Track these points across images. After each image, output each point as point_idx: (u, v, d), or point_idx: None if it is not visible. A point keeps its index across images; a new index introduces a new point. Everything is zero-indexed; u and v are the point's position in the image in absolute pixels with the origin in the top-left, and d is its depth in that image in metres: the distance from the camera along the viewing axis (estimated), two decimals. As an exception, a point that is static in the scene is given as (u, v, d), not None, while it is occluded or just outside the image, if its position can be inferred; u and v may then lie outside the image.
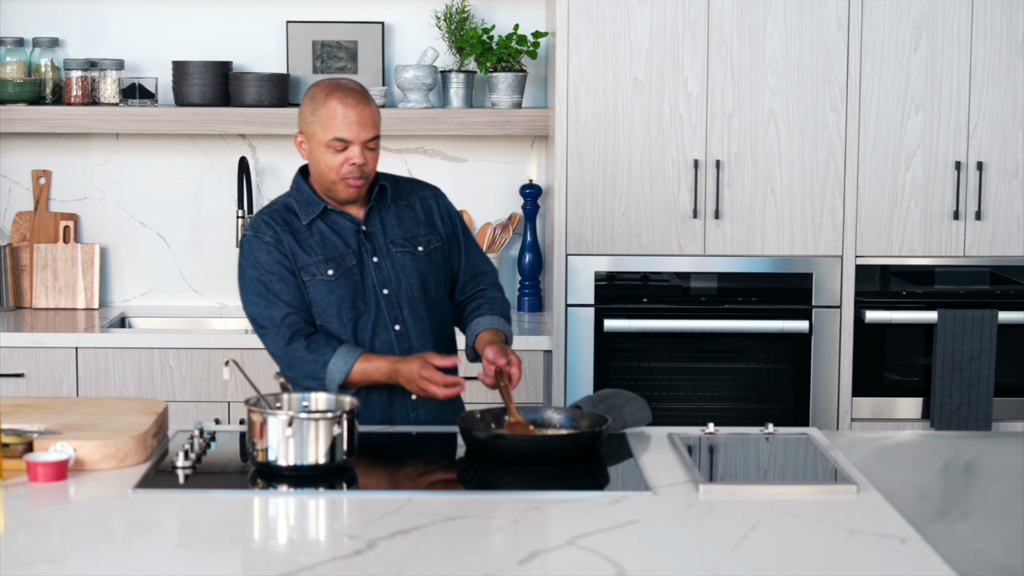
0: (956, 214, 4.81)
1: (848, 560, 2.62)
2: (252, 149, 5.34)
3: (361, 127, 3.49)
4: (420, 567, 2.52)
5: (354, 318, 3.58)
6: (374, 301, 3.60)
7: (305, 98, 3.57)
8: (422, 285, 3.65)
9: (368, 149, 3.52)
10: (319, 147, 3.53)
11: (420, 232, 3.68)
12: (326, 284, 3.56)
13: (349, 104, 3.49)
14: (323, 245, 3.59)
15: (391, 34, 5.32)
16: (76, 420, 3.26)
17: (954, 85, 4.77)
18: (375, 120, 3.53)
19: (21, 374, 4.77)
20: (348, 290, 3.57)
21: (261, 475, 3.08)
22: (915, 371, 4.88)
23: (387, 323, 3.61)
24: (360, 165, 3.51)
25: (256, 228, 3.60)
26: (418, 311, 3.64)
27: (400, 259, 3.63)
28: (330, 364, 3.48)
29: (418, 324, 3.63)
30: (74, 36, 5.30)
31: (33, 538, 2.68)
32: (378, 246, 3.63)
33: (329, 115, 3.49)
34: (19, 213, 5.34)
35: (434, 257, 3.69)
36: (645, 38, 4.75)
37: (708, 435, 3.43)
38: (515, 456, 3.19)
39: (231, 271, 5.39)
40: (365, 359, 3.50)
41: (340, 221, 3.62)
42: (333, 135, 3.49)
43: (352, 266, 3.59)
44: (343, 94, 3.50)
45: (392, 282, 3.62)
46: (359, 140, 3.50)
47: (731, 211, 4.80)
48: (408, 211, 3.70)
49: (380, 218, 3.66)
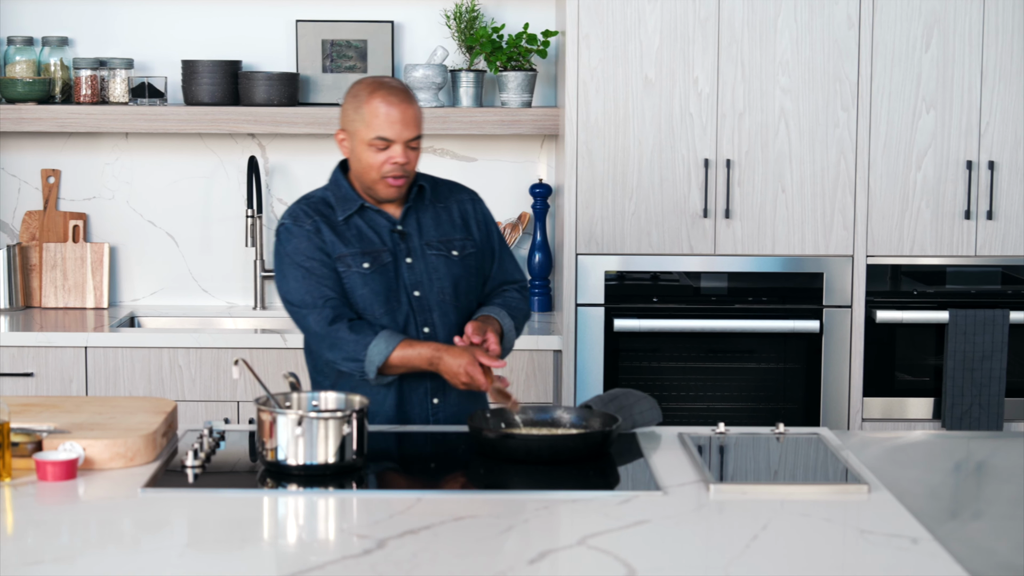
0: (967, 213, 4.79)
1: (859, 560, 2.61)
2: (262, 148, 5.34)
3: (404, 126, 3.48)
4: (430, 567, 2.51)
5: (385, 314, 3.56)
6: (405, 301, 3.59)
7: (348, 95, 3.56)
8: (454, 289, 3.63)
9: (410, 148, 3.51)
10: (361, 145, 3.51)
11: (456, 236, 3.67)
12: (361, 276, 3.55)
13: (392, 103, 3.48)
14: (360, 240, 3.58)
15: (401, 33, 5.31)
16: (85, 419, 3.26)
17: (965, 84, 4.76)
18: (418, 119, 3.51)
19: (30, 373, 4.77)
20: (382, 285, 3.56)
21: (271, 474, 3.08)
22: (926, 371, 4.87)
23: (416, 324, 3.59)
24: (402, 164, 3.50)
25: (295, 217, 3.60)
26: (447, 315, 3.62)
27: (434, 262, 3.62)
28: (371, 346, 3.46)
29: (447, 328, 3.61)
30: (83, 35, 5.30)
31: (42, 537, 2.68)
32: (413, 247, 3.62)
33: (372, 113, 3.48)
34: (28, 212, 5.33)
35: (468, 262, 3.67)
36: (655, 37, 4.74)
37: (719, 435, 3.42)
38: (525, 456, 3.18)
39: (240, 270, 5.38)
40: (407, 344, 3.48)
41: (377, 219, 3.61)
42: (375, 134, 3.48)
43: (387, 263, 3.58)
44: (386, 92, 3.49)
45: (424, 284, 3.60)
46: (401, 139, 3.49)
47: (741, 210, 4.79)
48: (445, 214, 3.69)
49: (417, 219, 3.64)
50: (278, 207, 5.35)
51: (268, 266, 5.36)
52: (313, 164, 5.34)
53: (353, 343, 3.48)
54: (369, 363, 3.46)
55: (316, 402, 3.27)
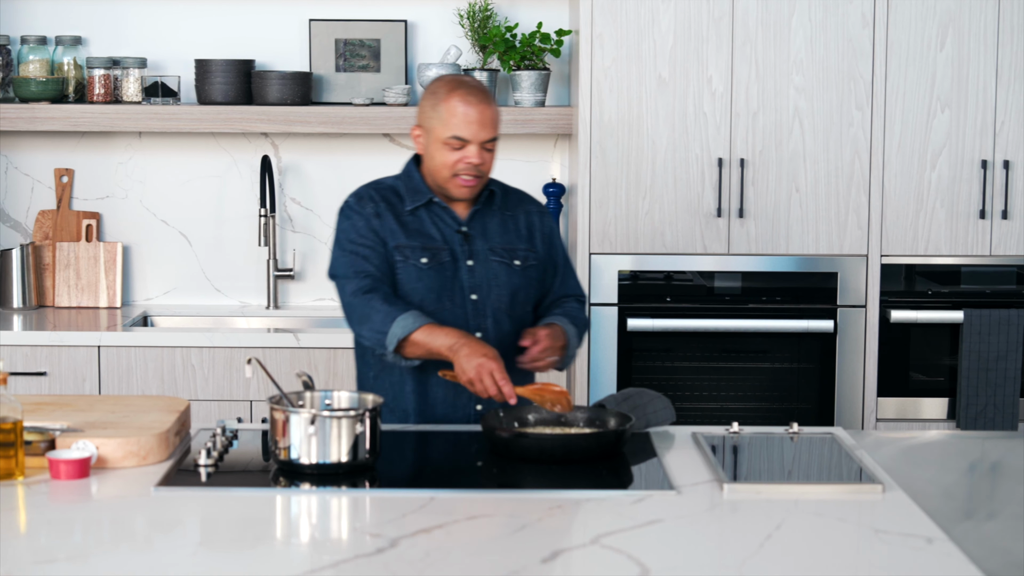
0: (982, 213, 4.78)
1: (874, 560, 2.59)
2: (275, 148, 5.34)
3: (480, 127, 3.47)
4: (443, 565, 2.51)
5: (438, 311, 3.54)
6: (460, 303, 3.57)
7: (426, 92, 3.56)
8: (511, 298, 3.61)
9: (485, 150, 3.49)
10: (436, 143, 3.51)
11: (520, 246, 3.65)
12: (417, 270, 3.54)
13: (471, 103, 3.47)
14: (422, 234, 3.57)
15: (414, 32, 5.31)
16: (98, 418, 3.26)
17: (980, 83, 4.74)
18: (495, 121, 3.50)
19: (43, 372, 4.77)
20: (437, 283, 3.55)
21: (283, 473, 3.07)
22: (940, 371, 4.85)
23: (468, 328, 3.56)
24: (476, 165, 3.49)
25: (359, 197, 3.60)
26: (502, 323, 3.60)
27: (495, 268, 3.60)
28: (398, 319, 3.41)
29: (499, 335, 3.59)
30: (97, 35, 5.30)
31: (55, 535, 2.67)
32: (476, 250, 3.60)
33: (450, 112, 3.47)
34: (42, 212, 5.34)
35: (529, 274, 3.65)
36: (669, 36, 4.73)
37: (732, 434, 3.41)
38: (538, 455, 3.17)
39: (254, 270, 5.38)
40: (434, 325, 3.42)
41: (443, 216, 3.60)
42: (452, 133, 3.47)
43: (445, 262, 3.56)
44: (465, 92, 3.48)
45: (482, 288, 3.58)
46: (477, 140, 3.48)
47: (755, 210, 4.78)
48: (511, 222, 3.67)
49: (484, 223, 3.63)
50: (291, 206, 5.34)
51: (281, 265, 5.36)
52: (326, 163, 5.34)
53: (383, 314, 3.42)
54: (391, 337, 3.40)
55: (329, 401, 3.27)
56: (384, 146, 5.33)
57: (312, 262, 5.37)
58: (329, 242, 5.30)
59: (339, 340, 4.78)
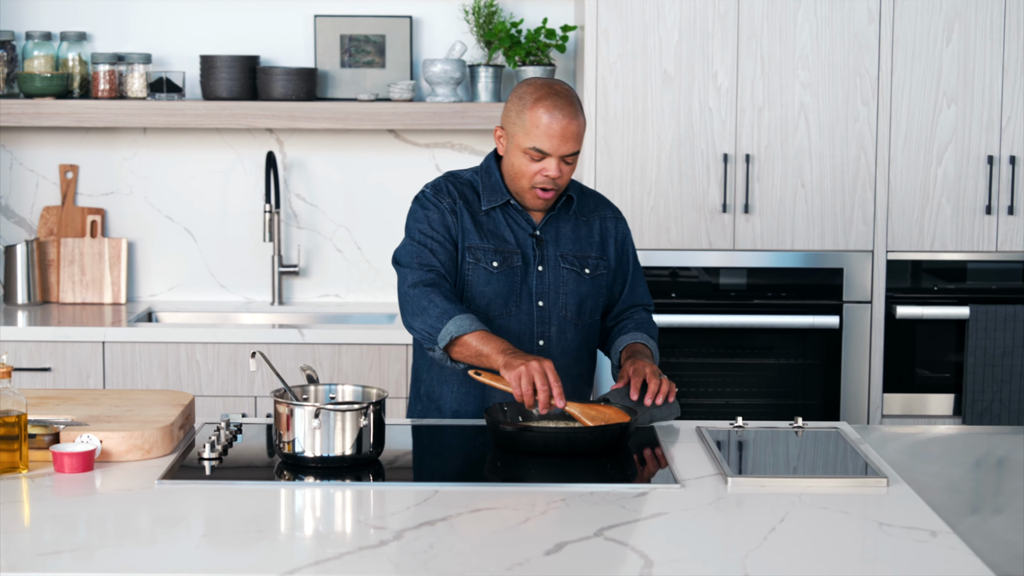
0: (988, 209, 4.77)
1: (878, 553, 2.58)
2: (279, 144, 5.33)
3: (563, 141, 3.38)
4: (446, 558, 2.50)
5: (503, 316, 3.50)
6: (526, 309, 3.53)
7: (513, 95, 3.46)
8: (578, 307, 3.56)
9: (565, 163, 3.41)
10: (516, 150, 3.42)
11: (591, 253, 3.58)
12: (487, 273, 3.49)
13: (555, 116, 3.36)
14: (494, 235, 3.51)
15: (419, 28, 5.30)
16: (102, 412, 3.25)
17: (986, 78, 4.73)
18: (578, 135, 3.39)
19: (48, 368, 4.77)
20: (505, 288, 3.50)
21: (287, 467, 3.06)
22: (946, 367, 4.84)
23: (532, 335, 3.52)
24: (554, 179, 3.42)
25: (437, 189, 3.53)
26: (566, 331, 3.55)
27: (565, 275, 3.54)
28: (455, 318, 3.31)
29: (563, 344, 3.54)
30: (101, 30, 5.30)
31: (59, 529, 2.66)
32: (547, 256, 3.54)
33: (533, 122, 3.38)
34: (46, 207, 5.34)
35: (598, 282, 3.59)
36: (674, 31, 4.73)
37: (737, 429, 3.40)
38: (542, 448, 3.16)
39: (258, 266, 5.38)
40: (490, 332, 3.31)
41: (518, 219, 3.54)
42: (532, 144, 3.39)
43: (516, 266, 3.51)
44: (552, 103, 3.37)
45: (550, 295, 3.53)
46: (558, 153, 3.39)
47: (761, 205, 4.77)
48: (585, 228, 3.60)
49: (557, 228, 3.57)
50: (296, 202, 5.34)
51: (286, 262, 5.35)
52: (331, 160, 5.33)
53: (440, 311, 3.33)
54: (445, 332, 3.30)
55: (333, 395, 3.26)
56: (389, 142, 5.32)
57: (317, 258, 5.37)
58: (334, 239, 5.31)
59: (344, 336, 4.78)
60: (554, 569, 2.46)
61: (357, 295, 5.39)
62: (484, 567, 2.46)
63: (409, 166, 5.32)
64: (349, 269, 5.38)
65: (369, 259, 5.36)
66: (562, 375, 3.36)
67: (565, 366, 3.51)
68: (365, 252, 5.36)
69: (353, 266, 5.38)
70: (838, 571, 2.47)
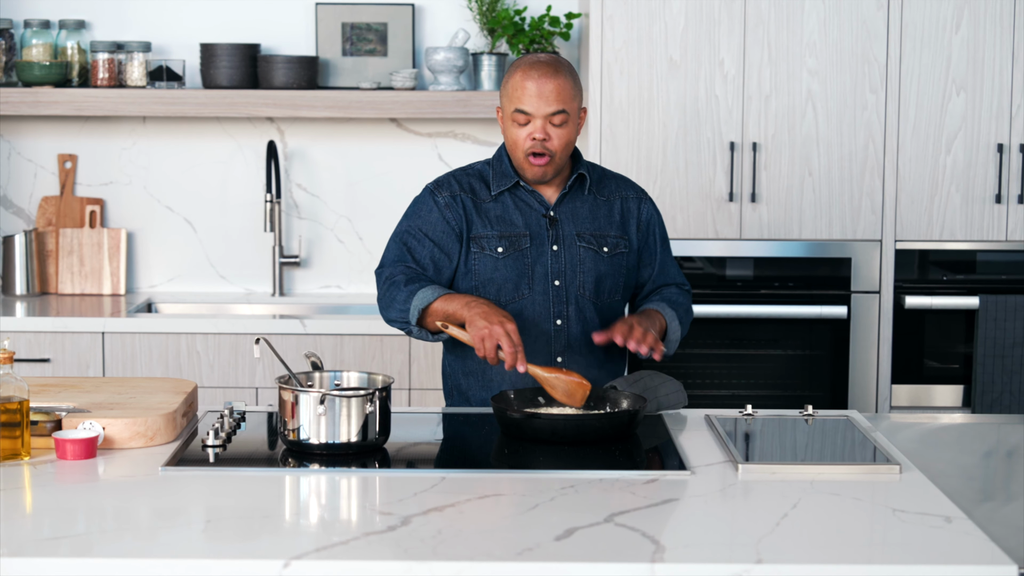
0: (998, 198, 4.73)
1: (893, 538, 2.55)
2: (280, 133, 5.29)
3: (541, 99, 3.38)
4: (455, 543, 2.47)
5: (516, 300, 3.48)
6: (541, 290, 3.49)
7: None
8: (596, 286, 3.52)
9: (552, 124, 3.40)
10: (507, 120, 3.45)
11: (610, 232, 3.55)
12: (492, 260, 3.47)
13: (532, 76, 3.38)
14: (501, 220, 3.50)
15: (421, 16, 5.26)
16: (104, 399, 3.21)
17: (996, 66, 4.69)
18: (560, 93, 3.38)
19: (47, 359, 4.73)
20: (513, 271, 3.48)
21: (292, 454, 3.03)
22: (955, 358, 4.80)
23: (549, 315, 3.49)
24: (540, 140, 3.40)
25: (438, 184, 3.55)
26: (584, 311, 3.52)
27: (582, 254, 3.51)
28: (418, 293, 3.35)
29: (581, 324, 3.51)
30: (100, 18, 5.26)
31: (62, 516, 2.63)
32: (562, 235, 3.51)
33: (514, 86, 3.41)
34: (45, 198, 5.29)
35: (617, 261, 3.55)
36: (680, 18, 4.68)
37: (746, 416, 3.36)
38: (550, 436, 3.12)
39: (258, 257, 5.34)
40: (453, 293, 3.34)
41: (529, 200, 3.52)
42: (515, 106, 3.41)
43: (525, 248, 3.48)
44: (529, 66, 3.41)
45: (567, 275, 3.50)
46: (540, 113, 3.38)
47: (768, 194, 4.73)
48: (605, 207, 3.57)
49: (573, 207, 3.54)
50: (297, 192, 5.29)
51: (287, 252, 5.31)
52: (332, 149, 5.29)
53: (405, 293, 3.36)
54: (413, 308, 3.34)
55: (339, 382, 3.22)
56: (391, 131, 5.28)
57: (318, 249, 5.32)
58: (336, 229, 5.27)
59: (346, 327, 4.74)
60: (565, 554, 2.43)
61: (358, 286, 5.34)
62: (494, 552, 2.43)
63: (411, 156, 5.27)
64: (350, 260, 5.34)
65: (371, 250, 5.31)
66: (583, 355, 3.45)
67: (585, 345, 3.49)
68: (367, 243, 5.32)
69: (354, 257, 5.33)
70: (854, 556, 2.44)
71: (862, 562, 2.42)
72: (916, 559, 2.43)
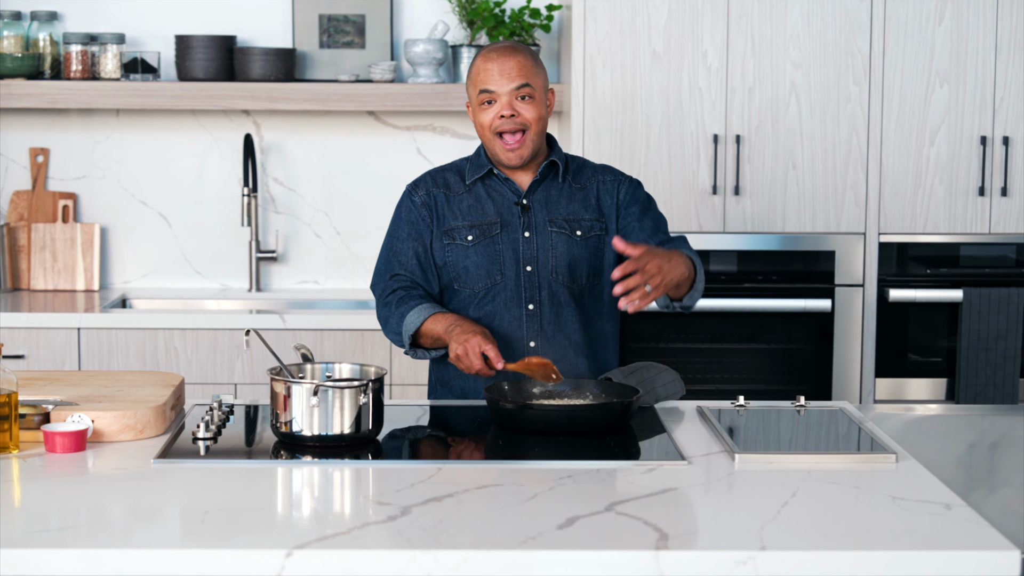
0: (981, 190, 4.72)
1: (894, 525, 2.54)
2: (257, 126, 5.23)
3: (503, 76, 3.41)
4: (458, 532, 2.44)
5: (486, 288, 3.49)
6: (513, 275, 3.49)
7: None
8: (569, 270, 3.51)
9: (518, 100, 3.43)
10: (476, 108, 3.48)
11: (585, 216, 3.54)
12: (462, 249, 3.49)
13: (491, 58, 3.44)
14: (472, 210, 3.52)
15: (400, 8, 5.21)
16: (92, 392, 3.16)
17: (980, 58, 4.69)
18: (521, 69, 3.42)
19: (21, 356, 4.66)
20: (484, 259, 3.49)
21: (284, 446, 2.99)
22: (938, 352, 4.80)
23: (521, 300, 3.49)
24: (509, 116, 3.42)
25: (415, 184, 3.60)
26: (558, 295, 3.50)
27: (553, 239, 3.51)
28: (407, 316, 3.41)
29: (555, 308, 3.50)
30: (73, 10, 5.19)
31: (52, 508, 2.58)
32: (534, 221, 3.52)
33: (476, 71, 3.45)
34: (16, 192, 5.22)
35: (591, 243, 3.53)
36: (664, 10, 4.66)
37: (738, 407, 3.34)
38: (543, 427, 3.10)
39: (235, 252, 5.28)
40: (438, 313, 3.40)
41: (501, 188, 3.54)
42: (479, 89, 3.44)
43: (495, 235, 3.50)
44: (488, 50, 3.47)
45: (539, 260, 3.50)
46: (504, 90, 3.41)
47: (751, 187, 4.71)
48: (580, 193, 3.56)
49: (547, 194, 3.54)
50: (273, 186, 5.24)
51: (264, 247, 5.25)
52: (310, 142, 5.24)
53: (398, 316, 3.44)
54: (405, 332, 3.41)
55: (330, 373, 3.18)
56: (369, 124, 5.23)
57: (295, 243, 5.27)
58: (313, 224, 5.22)
59: (325, 322, 4.70)
60: (569, 542, 2.40)
61: (336, 281, 5.30)
62: (498, 540, 2.41)
63: (389, 150, 5.22)
64: (328, 255, 5.29)
65: (348, 244, 5.27)
66: (558, 339, 3.48)
67: (559, 331, 3.49)
68: (344, 238, 5.27)
69: (332, 252, 5.29)
70: (857, 543, 2.43)
71: (866, 548, 2.40)
72: (920, 545, 2.42)
